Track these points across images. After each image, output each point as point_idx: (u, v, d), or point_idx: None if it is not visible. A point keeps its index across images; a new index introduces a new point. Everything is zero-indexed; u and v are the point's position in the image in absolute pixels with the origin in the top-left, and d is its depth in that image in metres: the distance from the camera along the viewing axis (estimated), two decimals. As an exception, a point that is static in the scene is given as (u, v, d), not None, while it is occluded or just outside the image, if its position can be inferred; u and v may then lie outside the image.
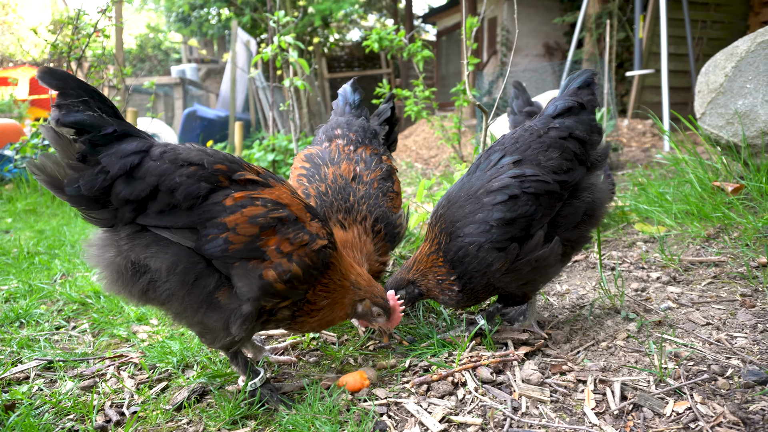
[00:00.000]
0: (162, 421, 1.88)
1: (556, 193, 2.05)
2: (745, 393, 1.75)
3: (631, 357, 2.07)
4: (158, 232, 1.66)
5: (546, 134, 2.11)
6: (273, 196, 1.77)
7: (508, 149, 2.11)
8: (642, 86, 11.75)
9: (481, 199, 2.05)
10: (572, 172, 2.10)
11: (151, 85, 7.20)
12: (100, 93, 1.63)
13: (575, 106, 2.19)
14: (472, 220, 2.06)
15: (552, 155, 2.07)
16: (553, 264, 2.09)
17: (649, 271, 2.95)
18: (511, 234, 2.03)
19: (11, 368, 2.28)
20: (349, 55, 25.57)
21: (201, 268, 1.66)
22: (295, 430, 1.74)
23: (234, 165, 1.76)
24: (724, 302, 2.43)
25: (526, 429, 1.69)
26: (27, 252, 4.14)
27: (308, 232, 1.80)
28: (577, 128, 2.13)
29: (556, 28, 17.03)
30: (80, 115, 1.55)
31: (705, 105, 3.92)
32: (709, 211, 3.30)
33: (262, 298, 1.71)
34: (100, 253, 1.71)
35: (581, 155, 2.13)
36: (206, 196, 1.66)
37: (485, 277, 2.10)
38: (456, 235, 2.09)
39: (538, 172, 2.03)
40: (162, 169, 1.62)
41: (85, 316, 2.94)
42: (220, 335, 1.78)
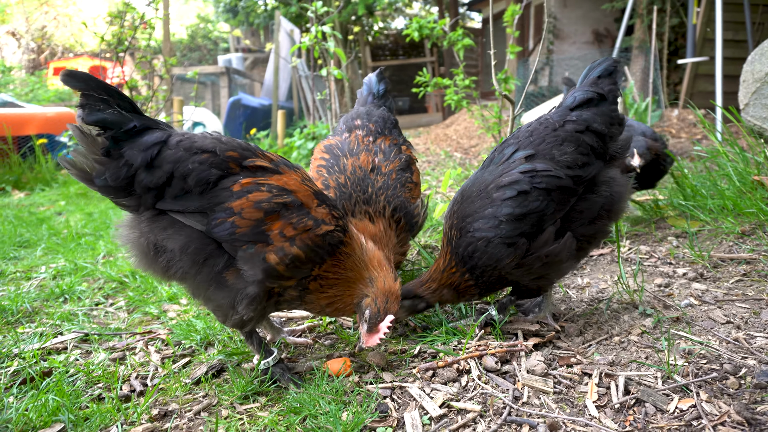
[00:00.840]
0: (180, 393, 2.00)
1: (569, 188, 2.03)
2: (754, 393, 1.71)
3: (643, 353, 2.05)
4: (174, 216, 1.78)
5: (562, 128, 2.07)
6: (280, 183, 1.84)
7: (522, 143, 2.10)
8: (695, 74, 11.21)
9: (491, 194, 2.06)
10: (588, 167, 2.06)
11: (194, 75, 7.46)
12: (119, 91, 1.74)
13: (594, 98, 2.14)
14: (482, 216, 2.06)
15: (567, 149, 2.04)
16: (566, 259, 2.08)
17: (676, 267, 2.87)
18: (521, 230, 2.03)
19: (52, 339, 2.47)
20: (393, 43, 25.48)
21: (211, 249, 1.78)
22: (301, 408, 1.82)
23: (246, 152, 1.84)
24: (750, 301, 2.35)
25: (524, 418, 1.71)
26: (75, 233, 4.41)
27: (312, 218, 1.86)
28: (595, 121, 2.08)
29: (606, 14, 16.41)
30: (102, 114, 1.67)
31: (749, 95, 3.74)
32: (746, 206, 3.17)
33: (267, 280, 1.80)
34: (127, 233, 1.86)
35: (599, 149, 2.09)
36: (216, 181, 1.76)
37: (496, 271, 2.12)
38: (466, 231, 2.11)
39: (550, 167, 2.01)
40: (177, 156, 1.74)
41: (122, 294, 3.13)
42: (229, 313, 1.88)
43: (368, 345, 1.97)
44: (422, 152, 10.79)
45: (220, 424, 1.77)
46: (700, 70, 11.08)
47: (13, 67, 20.18)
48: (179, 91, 13.22)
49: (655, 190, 4.50)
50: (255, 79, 17.09)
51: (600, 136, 2.12)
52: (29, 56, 22.92)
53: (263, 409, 1.87)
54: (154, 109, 7.34)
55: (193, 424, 1.80)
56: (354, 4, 17.76)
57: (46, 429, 1.76)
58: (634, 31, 12.22)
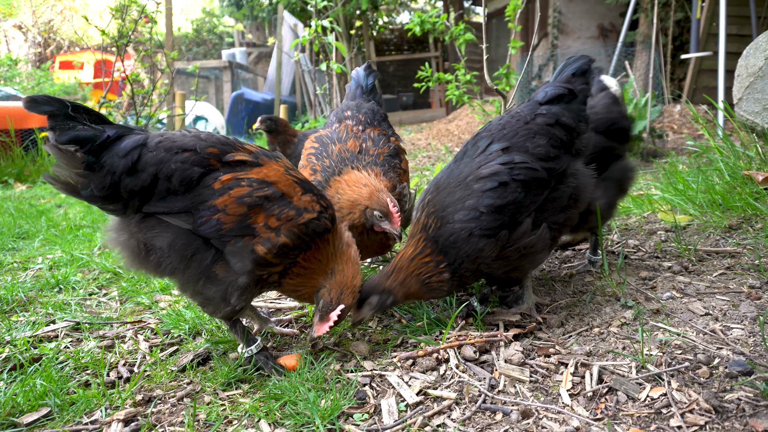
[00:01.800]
0: (166, 380, 2.05)
1: (544, 180, 2.06)
2: (724, 382, 1.73)
3: (621, 343, 2.07)
4: (161, 217, 1.84)
5: (533, 120, 2.11)
6: (260, 175, 1.88)
7: (495, 135, 2.12)
8: (699, 70, 11.16)
9: (471, 185, 2.07)
10: (559, 160, 2.10)
11: (195, 69, 7.50)
12: (84, 106, 1.77)
13: (566, 94, 2.19)
14: (462, 207, 2.07)
15: (539, 142, 2.07)
16: (541, 250, 2.11)
17: (662, 261, 2.89)
18: (500, 221, 2.05)
19: (44, 327, 2.53)
20: (398, 38, 25.41)
21: (198, 244, 1.84)
22: (282, 395, 1.86)
23: (226, 147, 1.89)
24: (731, 293, 2.37)
25: (498, 405, 1.75)
26: (74, 225, 4.47)
27: (294, 207, 1.91)
28: (564, 115, 2.13)
29: (611, 9, 16.30)
30: (73, 132, 1.69)
31: (742, 90, 3.74)
32: (734, 201, 3.18)
33: (257, 269, 1.86)
34: (116, 236, 1.93)
35: (567, 143, 2.13)
36: (199, 179, 1.82)
37: (475, 263, 2.13)
38: (446, 221, 2.11)
39: (527, 159, 2.04)
40: (159, 157, 1.78)
41: (115, 284, 3.18)
42: (220, 306, 1.94)
43: (318, 334, 2.03)
44: (423, 147, 10.81)
45: (201, 409, 1.82)
46: (704, 65, 11.03)
47: (19, 61, 20.30)
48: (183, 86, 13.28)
49: (651, 185, 4.51)
50: (258, 73, 17.13)
51: (569, 131, 2.16)
52: (35, 50, 23.05)
53: (245, 396, 1.92)
54: (155, 102, 7.39)
55: (176, 409, 1.85)
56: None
57: (33, 412, 1.81)
58: (638, 25, 12.14)
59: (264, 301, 2.82)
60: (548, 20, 17.09)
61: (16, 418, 1.78)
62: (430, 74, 7.70)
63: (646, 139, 6.81)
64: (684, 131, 9.28)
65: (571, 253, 3.22)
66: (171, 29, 8.77)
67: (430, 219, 2.15)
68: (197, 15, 29.05)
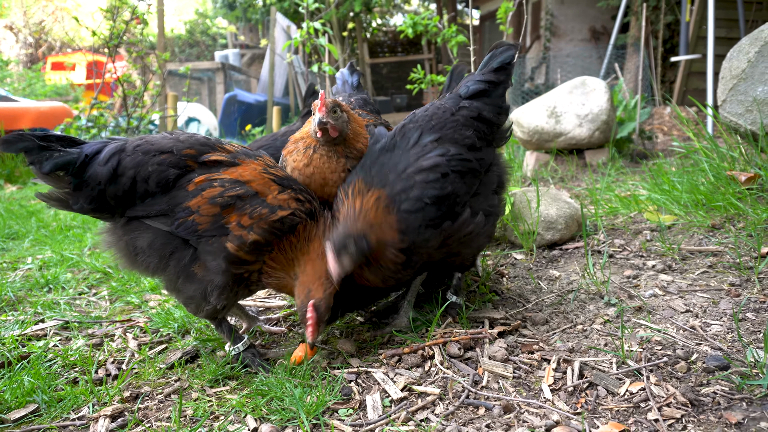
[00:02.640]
0: (154, 377, 2.06)
1: (476, 170, 2.12)
2: (701, 376, 1.77)
3: (603, 340, 2.11)
4: (143, 220, 1.90)
5: (458, 112, 2.15)
6: (234, 175, 1.90)
7: (424, 127, 2.12)
8: (689, 72, 11.27)
9: (413, 177, 2.01)
10: (485, 150, 2.18)
11: (187, 70, 7.51)
12: (54, 134, 1.86)
13: (487, 89, 2.23)
14: (407, 197, 2.00)
15: (467, 133, 2.12)
16: (481, 235, 2.16)
17: (646, 260, 2.94)
18: (441, 211, 2.02)
19: (32, 326, 2.54)
20: (392, 40, 25.47)
21: (176, 243, 1.88)
22: (269, 391, 1.88)
23: (204, 148, 1.92)
24: (711, 291, 2.42)
25: (481, 401, 1.78)
26: (64, 226, 4.47)
27: (267, 205, 1.90)
28: (485, 110, 2.20)
29: (603, 12, 16.44)
30: (50, 162, 1.78)
31: (726, 92, 3.80)
32: (717, 200, 3.23)
33: (232, 268, 1.87)
34: (109, 239, 2.01)
35: (489, 134, 2.21)
36: (175, 181, 1.87)
37: (425, 253, 2.09)
38: (397, 210, 2.02)
39: (461, 151, 2.07)
40: (137, 160, 1.85)
41: (105, 284, 3.19)
42: (201, 304, 1.96)
43: (310, 340, 1.96)
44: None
45: (188, 405, 1.84)
46: (694, 68, 11.14)
47: (10, 61, 20.21)
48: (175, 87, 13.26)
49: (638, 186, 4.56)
50: (252, 75, 17.12)
51: (489, 124, 2.23)
52: (27, 51, 22.94)
53: (232, 392, 1.94)
54: (147, 104, 7.38)
55: (163, 405, 1.87)
56: (351, 0, 17.77)
57: (20, 409, 1.82)
58: (629, 28, 12.25)
59: (253, 300, 2.84)
60: (540, 23, 17.21)
61: (3, 414, 1.79)
62: (423, 76, 7.74)
63: (636, 141, 6.88)
64: (674, 133, 9.37)
65: (558, 252, 3.26)
66: (163, 30, 8.77)
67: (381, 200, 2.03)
68: (190, 16, 29.01)
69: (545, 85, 15.08)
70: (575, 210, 3.42)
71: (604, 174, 5.22)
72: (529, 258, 3.21)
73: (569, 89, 6.12)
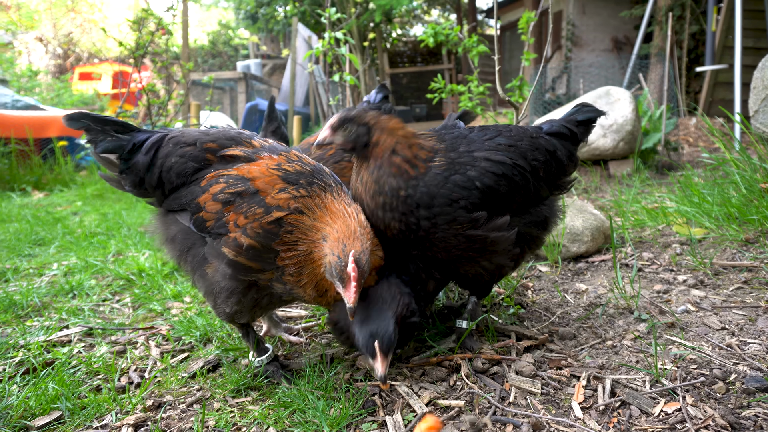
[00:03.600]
0: (176, 386, 2.05)
1: (529, 192, 2.07)
2: (741, 398, 1.70)
3: (634, 357, 2.04)
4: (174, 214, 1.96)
5: (537, 139, 2.16)
6: (241, 172, 1.83)
7: (503, 132, 2.11)
8: (715, 82, 11.06)
9: (479, 160, 1.99)
10: (544, 183, 2.14)
11: (210, 80, 7.61)
12: (112, 119, 2.01)
13: (566, 134, 2.27)
14: (463, 173, 1.96)
15: (538, 157, 2.10)
16: (503, 252, 2.04)
17: (677, 274, 2.85)
18: (482, 203, 1.96)
19: (57, 332, 2.55)
20: (411, 50, 25.56)
21: (194, 239, 1.90)
22: (292, 403, 1.85)
23: (229, 142, 1.92)
24: (747, 308, 2.33)
25: (509, 417, 1.73)
26: (89, 232, 4.53)
27: (264, 205, 1.77)
28: (560, 149, 2.22)
29: (626, 22, 16.28)
30: (104, 144, 1.95)
31: (759, 102, 3.71)
32: (751, 214, 3.14)
33: (238, 273, 1.81)
34: (151, 226, 2.12)
35: (554, 173, 2.19)
36: (193, 174, 1.89)
37: (449, 230, 1.97)
38: (446, 177, 1.96)
39: (525, 167, 2.05)
40: (167, 151, 1.91)
41: (128, 291, 3.21)
42: (215, 305, 1.94)
43: (353, 298, 1.69)
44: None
45: (210, 416, 1.82)
46: (720, 78, 10.93)
47: (39, 72, 20.72)
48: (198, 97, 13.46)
49: (665, 197, 4.45)
50: (273, 84, 17.31)
51: (558, 163, 2.21)
52: (56, 61, 23.52)
53: (254, 403, 1.91)
54: (171, 112, 7.49)
55: (185, 415, 1.85)
56: (371, 11, 17.90)
57: (45, 416, 1.82)
58: (653, 38, 12.10)
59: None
60: (562, 33, 17.11)
61: (28, 421, 1.79)
62: (443, 86, 7.72)
63: (661, 152, 6.76)
64: (700, 144, 9.18)
65: (584, 265, 3.19)
66: (187, 41, 8.92)
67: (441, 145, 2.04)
68: (213, 27, 29.52)
69: (566, 95, 14.95)
70: (601, 222, 3.35)
71: (629, 185, 5.13)
72: (554, 270, 3.14)
73: (593, 99, 6.05)
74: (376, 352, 1.74)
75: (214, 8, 29.01)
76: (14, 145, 7.49)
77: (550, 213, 2.21)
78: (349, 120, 1.96)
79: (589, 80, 14.11)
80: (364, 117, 1.97)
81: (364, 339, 1.76)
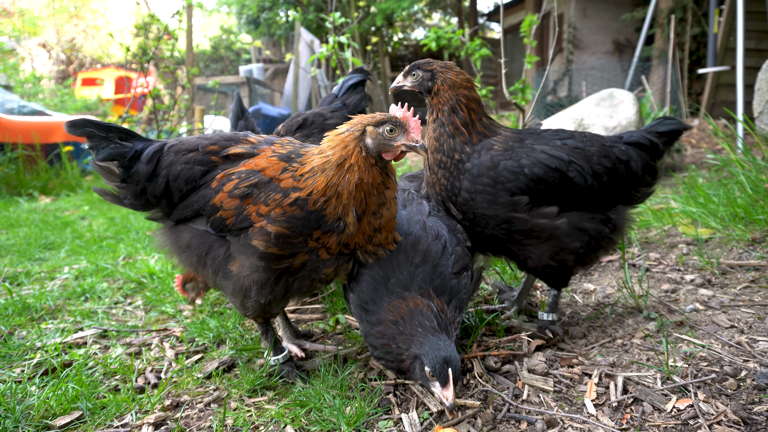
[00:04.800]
0: (192, 386, 2.08)
1: (584, 192, 2.10)
2: (752, 394, 1.72)
3: (644, 355, 2.07)
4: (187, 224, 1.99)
5: (610, 147, 2.20)
6: (249, 166, 1.87)
7: (575, 136, 2.19)
8: (717, 84, 11.08)
9: (535, 149, 2.09)
10: (609, 188, 2.15)
11: (215, 85, 7.66)
12: (115, 126, 1.98)
13: (647, 145, 2.27)
14: (515, 158, 2.07)
15: (604, 163, 2.14)
16: (553, 242, 2.09)
17: (684, 273, 2.88)
18: (526, 190, 2.05)
19: (72, 334, 2.58)
20: (413, 54, 25.62)
21: (211, 241, 1.92)
22: (307, 402, 1.88)
23: (228, 142, 1.95)
24: (756, 306, 2.36)
25: (522, 414, 1.75)
26: (98, 236, 4.56)
27: (281, 190, 1.79)
28: (634, 160, 2.22)
29: (627, 24, 16.33)
30: (106, 151, 1.92)
31: (763, 103, 3.74)
32: (757, 214, 3.16)
33: (272, 264, 1.82)
34: (161, 240, 2.10)
35: (624, 182, 2.20)
36: (201, 177, 1.91)
37: (489, 207, 2.09)
38: (501, 159, 2.08)
39: (585, 167, 2.10)
40: (169, 160, 1.93)
41: (140, 294, 3.24)
42: (244, 302, 1.93)
43: (418, 131, 1.76)
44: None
45: (228, 415, 1.84)
46: (722, 79, 10.95)
47: (42, 77, 20.83)
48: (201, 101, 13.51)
49: (670, 198, 4.48)
50: (275, 89, 17.36)
51: (630, 173, 2.21)
52: (59, 67, 23.63)
53: (270, 403, 1.94)
54: (176, 117, 7.54)
55: (203, 414, 1.88)
56: (373, 15, 17.98)
57: (65, 416, 1.85)
58: (654, 40, 12.13)
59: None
60: (563, 36, 17.15)
61: (49, 420, 1.82)
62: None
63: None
64: (703, 145, 9.21)
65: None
66: (191, 46, 8.98)
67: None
68: (215, 32, 29.61)
69: (568, 97, 14.97)
70: (608, 223, 3.37)
71: (634, 187, 5.15)
72: (562, 271, 3.17)
73: (596, 101, 6.08)
74: (449, 379, 1.63)
75: (216, 13, 29.10)
76: (21, 150, 7.54)
77: (617, 217, 2.22)
78: (417, 66, 2.13)
79: (591, 83, 14.15)
80: (431, 64, 2.14)
81: (435, 363, 1.64)
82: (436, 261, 1.90)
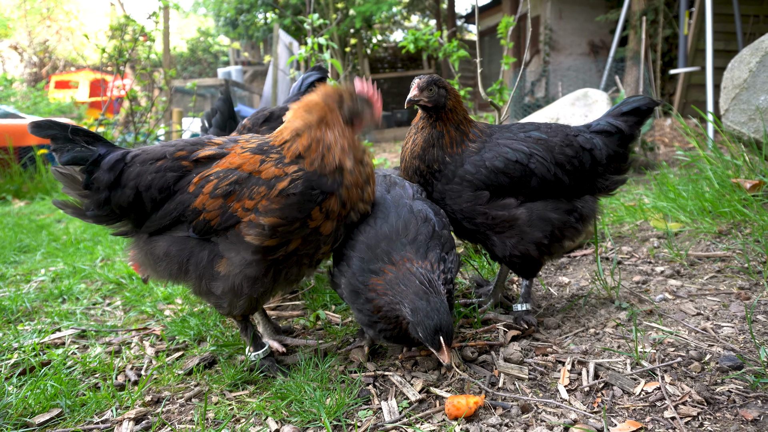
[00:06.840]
0: (173, 383, 2.09)
1: (549, 183, 2.18)
2: (715, 376, 1.80)
3: (616, 342, 2.14)
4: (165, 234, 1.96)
5: (574, 137, 2.27)
6: (224, 166, 1.90)
7: (541, 128, 2.27)
8: (688, 84, 11.38)
9: (498, 144, 2.18)
10: (575, 179, 2.23)
11: (193, 87, 7.62)
12: (82, 129, 1.93)
13: (612, 132, 2.33)
14: (480, 154, 2.17)
15: (567, 152, 2.21)
16: (515, 232, 2.18)
17: (654, 265, 2.97)
18: (488, 185, 2.15)
19: (50, 334, 2.57)
20: (392, 56, 25.70)
21: (191, 246, 1.90)
22: (289, 394, 1.91)
23: (194, 146, 1.96)
24: (721, 295, 2.45)
25: (498, 401, 1.80)
26: (74, 239, 4.51)
27: (264, 182, 1.84)
28: (598, 148, 2.28)
29: (602, 26, 16.65)
30: (70, 153, 1.87)
31: (729, 101, 3.86)
32: (723, 207, 3.28)
33: (267, 254, 1.85)
34: (133, 254, 2.07)
35: (589, 171, 2.27)
36: (175, 184, 1.90)
37: (458, 199, 2.21)
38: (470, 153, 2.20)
39: (547, 158, 2.17)
40: (137, 171, 1.90)
41: (119, 294, 3.22)
42: (234, 301, 1.95)
43: (378, 111, 2.00)
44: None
45: (209, 408, 1.86)
46: (693, 80, 11.25)
47: (15, 80, 20.39)
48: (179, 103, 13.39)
49: (643, 195, 4.60)
50: (254, 91, 17.28)
51: (594, 162, 2.28)
52: (31, 69, 23.17)
53: (252, 396, 1.96)
54: (153, 119, 7.47)
55: (185, 408, 1.89)
56: (352, 17, 18.01)
57: (45, 413, 1.85)
58: (628, 42, 12.39)
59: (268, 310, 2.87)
60: (540, 37, 17.41)
61: (28, 418, 1.81)
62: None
63: (638, 152, 6.95)
64: (675, 144, 9.43)
65: (566, 260, 3.29)
66: (168, 48, 8.90)
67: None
68: (193, 35, 29.35)
69: (545, 98, 15.20)
70: (582, 218, 3.46)
71: (608, 184, 5.27)
72: (538, 265, 3.24)
73: (571, 101, 6.21)
74: (442, 346, 1.75)
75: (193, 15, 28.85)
76: (-7, 153, 7.41)
77: (584, 206, 2.28)
78: (434, 82, 2.20)
79: (567, 83, 14.39)
80: (443, 81, 2.24)
81: (426, 333, 1.76)
82: (427, 243, 1.96)
